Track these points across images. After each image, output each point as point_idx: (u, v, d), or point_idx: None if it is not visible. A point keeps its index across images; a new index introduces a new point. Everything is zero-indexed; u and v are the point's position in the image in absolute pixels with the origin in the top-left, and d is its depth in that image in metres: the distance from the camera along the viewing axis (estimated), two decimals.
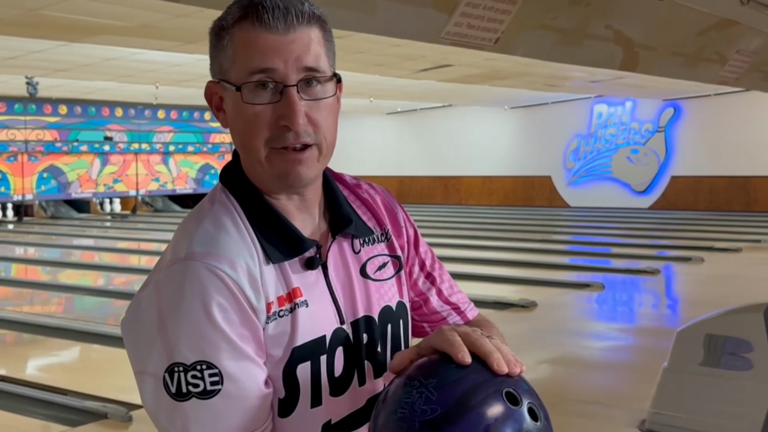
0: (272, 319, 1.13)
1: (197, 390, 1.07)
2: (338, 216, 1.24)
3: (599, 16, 8.89)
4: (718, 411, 3.62)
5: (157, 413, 1.11)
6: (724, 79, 12.18)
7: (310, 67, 1.13)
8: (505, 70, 12.09)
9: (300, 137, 1.13)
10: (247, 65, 1.12)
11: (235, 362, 1.09)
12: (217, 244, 1.12)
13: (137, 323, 1.12)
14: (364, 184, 1.35)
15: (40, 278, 10.55)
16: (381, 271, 1.28)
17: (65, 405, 4.84)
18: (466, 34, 7.38)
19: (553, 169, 21.10)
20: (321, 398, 1.17)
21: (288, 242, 1.17)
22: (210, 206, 1.19)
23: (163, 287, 1.10)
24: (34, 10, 7.03)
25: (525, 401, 1.01)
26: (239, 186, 1.20)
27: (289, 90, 1.12)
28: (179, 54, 10.11)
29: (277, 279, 1.15)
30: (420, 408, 0.98)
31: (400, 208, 1.36)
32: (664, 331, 6.76)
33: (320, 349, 1.17)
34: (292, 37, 1.12)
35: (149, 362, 1.09)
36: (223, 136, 22.29)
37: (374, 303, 1.25)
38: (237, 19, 1.13)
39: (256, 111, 1.13)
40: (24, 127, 18.38)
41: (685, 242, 12.27)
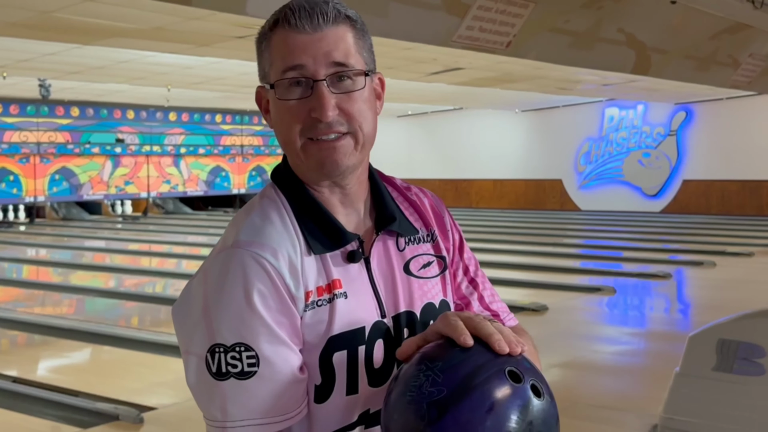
0: (310, 308, 1.19)
1: (235, 370, 1.13)
2: (383, 213, 1.29)
3: (612, 19, 8.87)
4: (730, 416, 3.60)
5: (199, 391, 1.17)
6: (737, 83, 12.15)
7: (338, 62, 1.19)
8: (516, 73, 12.08)
9: (332, 127, 1.19)
10: (280, 65, 1.20)
11: (272, 346, 1.14)
12: (261, 234, 1.19)
13: (185, 306, 1.19)
14: (414, 188, 1.40)
15: (51, 280, 10.59)
16: (425, 269, 1.32)
17: (76, 406, 4.85)
18: (478, 38, 7.38)
19: (564, 173, 21.05)
20: (357, 386, 1.21)
21: (330, 235, 1.22)
22: (259, 200, 1.27)
23: (210, 273, 1.17)
24: (48, 12, 7.06)
25: (527, 379, 1.05)
26: (286, 181, 1.27)
27: (319, 84, 1.18)
28: (191, 57, 10.15)
29: (318, 270, 1.21)
30: (427, 390, 1.03)
31: (448, 213, 1.41)
32: (675, 335, 6.73)
33: (358, 339, 1.21)
34: (320, 35, 1.19)
35: (193, 343, 1.16)
36: (234, 139, 22.34)
37: (416, 299, 1.29)
38: (271, 25, 1.22)
39: (289, 106, 1.20)
40: (36, 129, 18.46)
41: (697, 246, 12.21)
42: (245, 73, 12.64)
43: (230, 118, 22.10)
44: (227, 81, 13.81)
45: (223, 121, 22.00)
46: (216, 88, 14.96)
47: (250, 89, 15.42)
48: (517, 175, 21.76)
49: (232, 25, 7.43)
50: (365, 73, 1.23)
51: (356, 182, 1.26)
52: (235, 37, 8.21)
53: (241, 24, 7.37)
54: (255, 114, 22.55)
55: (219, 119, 21.86)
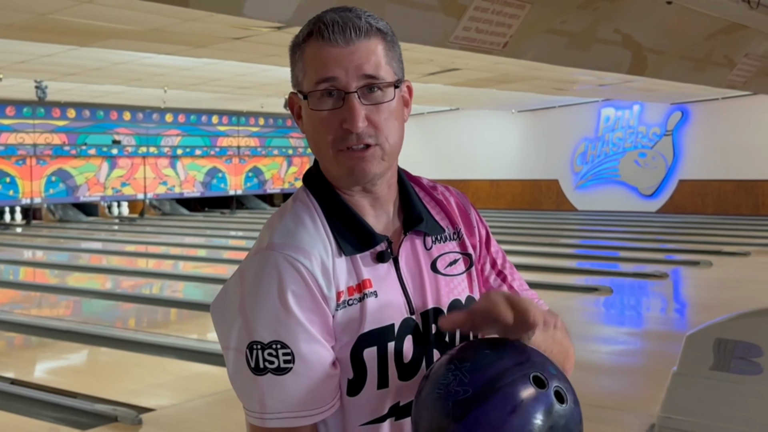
0: (341, 307, 1.25)
1: (272, 366, 1.20)
2: (411, 214, 1.35)
3: (608, 20, 8.88)
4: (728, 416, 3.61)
5: (239, 384, 1.24)
6: (733, 83, 12.17)
7: (369, 74, 1.25)
8: (513, 73, 12.09)
9: (362, 138, 1.25)
10: (313, 76, 1.25)
11: (306, 344, 1.21)
12: (295, 237, 1.25)
13: (223, 304, 1.26)
14: (440, 187, 1.46)
15: (48, 281, 10.58)
16: (451, 267, 1.38)
17: (75, 408, 4.85)
18: (474, 39, 7.39)
19: (561, 173, 21.07)
20: (388, 381, 1.27)
21: (360, 237, 1.28)
22: (292, 204, 1.33)
23: (246, 274, 1.24)
24: (44, 14, 7.06)
25: (552, 384, 1.09)
26: (318, 185, 1.33)
27: (350, 96, 1.24)
28: (188, 58, 10.14)
29: (348, 270, 1.27)
30: (454, 389, 1.09)
31: (474, 209, 1.48)
32: (672, 335, 6.75)
33: (388, 336, 1.27)
34: (352, 48, 1.24)
35: (232, 339, 1.23)
36: (231, 140, 22.32)
37: (443, 296, 1.34)
38: (305, 36, 1.27)
39: (322, 116, 1.26)
40: (33, 130, 18.44)
41: (694, 246, 12.23)
42: (242, 74, 12.63)
43: (227, 120, 22.09)
44: (224, 82, 13.81)
45: (219, 123, 21.98)
46: (213, 89, 14.95)
47: (246, 90, 15.44)
48: (514, 175, 21.78)
49: (229, 27, 7.43)
50: (395, 85, 1.28)
51: (385, 186, 1.32)
52: (232, 39, 8.21)
53: (238, 25, 7.38)
54: (252, 115, 22.54)
55: (216, 120, 21.84)
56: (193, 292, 9.57)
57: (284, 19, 6.56)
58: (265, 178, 23.48)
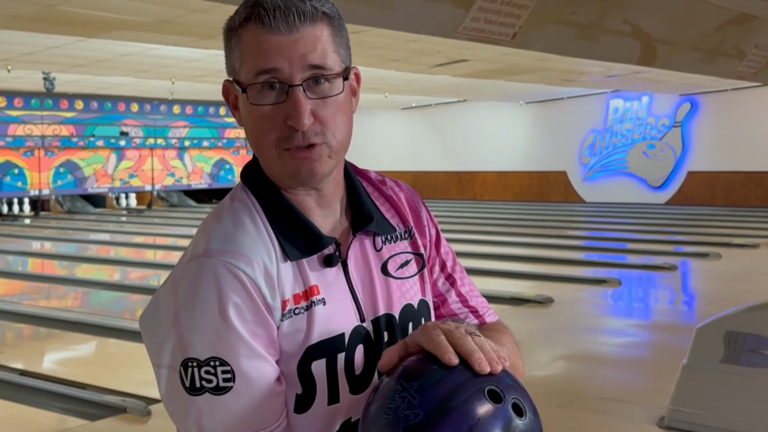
0: (287, 317, 1.13)
1: (210, 385, 1.09)
2: (360, 213, 1.23)
3: (617, 10, 8.84)
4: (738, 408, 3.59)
5: (172, 405, 1.13)
6: (743, 74, 12.11)
7: (315, 65, 1.12)
8: (521, 65, 12.05)
9: (307, 137, 1.13)
10: (253, 66, 1.13)
11: (248, 360, 1.09)
12: (235, 242, 1.12)
13: (154, 318, 1.13)
14: (389, 181, 1.34)
15: (56, 273, 10.60)
16: (403, 269, 1.26)
17: (84, 399, 4.86)
18: (483, 29, 7.36)
19: (569, 165, 21.01)
20: (339, 395, 1.17)
21: (306, 239, 1.16)
22: (230, 204, 1.19)
23: (180, 283, 1.11)
24: (52, 5, 7.06)
25: (509, 397, 1.00)
26: (258, 183, 1.20)
27: (294, 90, 1.11)
28: (195, 49, 10.14)
29: (294, 277, 1.15)
30: (403, 413, 0.98)
31: (424, 206, 1.35)
32: (681, 327, 6.73)
33: (338, 346, 1.17)
34: (296, 36, 1.11)
35: (164, 356, 1.11)
36: (239, 132, 22.31)
37: (395, 301, 1.24)
38: (242, 20, 1.14)
39: (263, 112, 1.13)
40: (41, 122, 18.47)
41: (702, 238, 12.19)
42: None
43: None
44: None
45: (227, 114, 21.96)
46: (220, 80, 14.69)
47: None
48: (522, 167, 21.73)
49: None
50: (344, 76, 1.16)
51: (332, 184, 1.21)
52: None
53: None
54: None
55: (223, 112, 21.85)
56: None
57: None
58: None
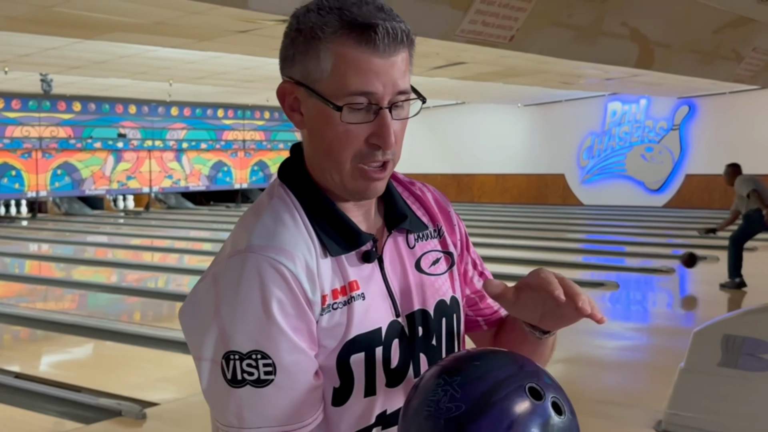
0: (327, 311, 1.16)
1: (252, 378, 1.11)
2: (393, 211, 1.27)
3: (615, 13, 8.84)
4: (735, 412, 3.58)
5: (213, 397, 1.16)
6: (740, 77, 12.12)
7: (402, 90, 1.17)
8: (519, 67, 12.04)
9: (385, 155, 1.17)
10: (347, 85, 1.14)
11: (288, 354, 1.12)
12: (276, 238, 1.15)
13: (194, 312, 1.16)
14: (417, 182, 1.38)
15: (53, 275, 10.59)
16: (435, 266, 1.31)
17: (79, 402, 4.84)
18: (481, 32, 7.35)
19: (567, 167, 21.02)
20: (375, 388, 1.20)
21: (345, 236, 1.20)
22: (269, 201, 1.22)
23: (222, 278, 1.14)
24: (49, 7, 7.04)
25: (548, 395, 1.02)
26: (298, 182, 1.23)
27: (384, 112, 1.15)
28: (193, 51, 10.13)
29: (334, 272, 1.18)
30: (445, 406, 1.02)
31: (451, 207, 1.40)
32: (678, 330, 6.72)
33: (376, 340, 1.20)
34: (393, 60, 1.15)
35: (205, 348, 1.13)
36: (236, 134, 22.32)
37: (429, 297, 1.28)
38: (339, 33, 1.14)
39: (348, 128, 1.16)
40: (38, 123, 18.45)
41: (700, 241, 12.18)
42: (247, 67, 12.61)
43: (232, 113, 22.09)
44: (229, 76, 13.79)
45: (225, 116, 21.98)
46: (218, 82, 14.94)
47: (252, 84, 15.41)
48: (520, 169, 21.73)
49: (234, 20, 7.41)
50: (422, 100, 1.21)
51: None
52: (236, 32, 8.19)
53: (243, 18, 7.35)
54: (257, 109, 22.52)
55: (221, 114, 21.84)
56: None
57: (289, 12, 6.51)
58: (271, 172, 23.46)
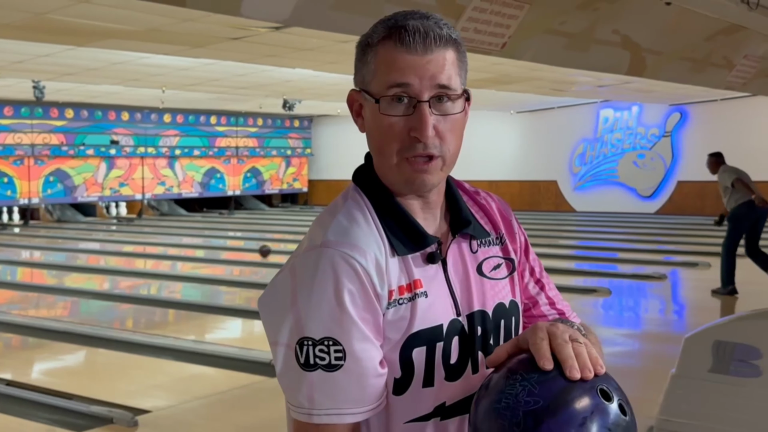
0: (392, 306, 1.25)
1: (323, 363, 1.20)
2: (458, 217, 1.36)
3: (607, 20, 8.87)
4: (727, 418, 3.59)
5: (287, 379, 1.24)
6: (732, 84, 12.16)
7: (442, 84, 1.25)
8: (511, 74, 12.07)
9: (428, 148, 1.25)
10: (386, 80, 1.25)
11: (359, 342, 1.21)
12: (350, 235, 1.25)
13: (273, 300, 1.26)
14: (482, 192, 1.47)
15: (45, 282, 10.56)
16: (496, 270, 1.39)
17: (71, 409, 4.83)
18: (473, 39, 7.36)
19: (559, 174, 21.06)
20: (433, 380, 1.28)
21: (412, 237, 1.29)
22: (343, 202, 1.32)
23: (299, 270, 1.24)
24: (41, 14, 7.04)
25: (616, 398, 1.12)
26: (370, 185, 1.33)
27: (422, 105, 1.24)
28: (186, 58, 10.12)
29: (400, 270, 1.27)
30: (524, 399, 1.10)
31: (514, 216, 1.48)
32: (670, 336, 6.73)
33: (437, 336, 1.28)
34: (429, 57, 1.24)
35: (281, 334, 1.22)
36: (229, 140, 22.31)
37: (489, 299, 1.36)
38: (382, 38, 1.27)
39: (390, 122, 1.26)
40: (30, 130, 18.42)
41: (692, 247, 12.23)
42: (240, 74, 12.61)
43: (225, 120, 22.08)
44: (222, 82, 13.79)
45: (218, 123, 21.97)
46: (211, 89, 14.93)
47: (245, 91, 15.41)
48: (512, 176, 21.77)
49: (227, 27, 7.41)
50: (466, 97, 1.29)
51: (436, 192, 1.34)
52: (229, 39, 8.19)
53: (236, 25, 7.35)
54: (250, 116, 22.52)
55: (214, 121, 21.83)
56: (190, 292, 9.55)
57: (282, 19, 6.53)
58: (264, 179, 23.46)
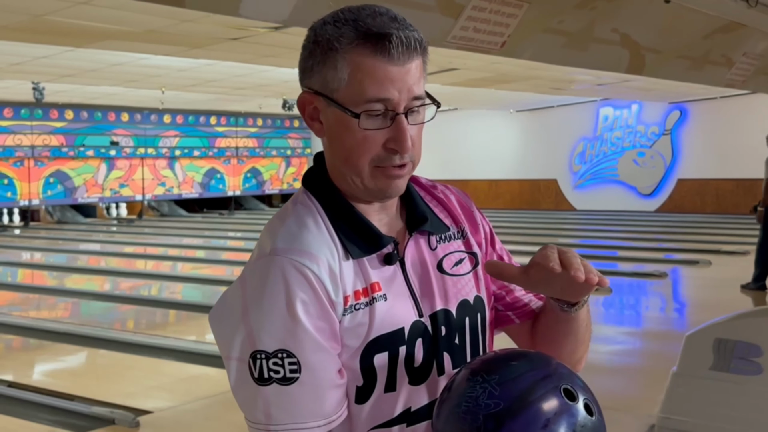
0: (349, 312, 1.20)
1: (278, 376, 1.16)
2: (414, 214, 1.31)
3: (605, 19, 8.87)
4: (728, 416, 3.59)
5: (242, 395, 1.20)
6: (731, 82, 12.16)
7: (418, 96, 1.21)
8: (510, 73, 12.07)
9: (403, 158, 1.22)
10: (364, 92, 1.19)
11: (313, 353, 1.16)
12: (300, 241, 1.20)
13: (223, 313, 1.21)
14: (439, 186, 1.42)
15: (46, 283, 10.56)
16: (458, 266, 1.34)
17: (72, 410, 4.83)
18: (472, 38, 7.37)
19: (559, 173, 21.06)
20: (396, 384, 1.23)
21: (366, 239, 1.24)
22: (293, 207, 1.27)
23: (249, 280, 1.19)
24: (40, 15, 7.04)
25: (581, 397, 1.08)
26: (321, 188, 1.27)
27: (400, 117, 1.20)
28: (185, 59, 10.13)
29: (356, 274, 1.22)
30: (484, 402, 1.06)
31: (475, 207, 1.43)
32: (671, 334, 6.73)
33: (399, 340, 1.24)
34: (408, 67, 1.20)
35: (233, 348, 1.18)
36: (229, 141, 22.30)
37: (451, 297, 1.30)
38: (355, 44, 1.18)
39: (366, 135, 1.20)
40: (30, 132, 18.41)
41: (693, 245, 12.22)
42: (239, 75, 12.61)
43: (225, 120, 22.08)
44: (221, 83, 13.79)
45: (217, 123, 21.97)
46: (210, 90, 14.94)
47: (244, 91, 15.41)
48: (512, 175, 21.76)
49: (226, 27, 7.41)
50: (436, 105, 1.25)
51: None
52: (228, 39, 8.20)
53: (235, 26, 7.36)
54: (250, 116, 22.51)
55: (213, 121, 21.83)
56: (191, 293, 9.55)
57: (281, 20, 6.53)
58: (264, 179, 23.46)
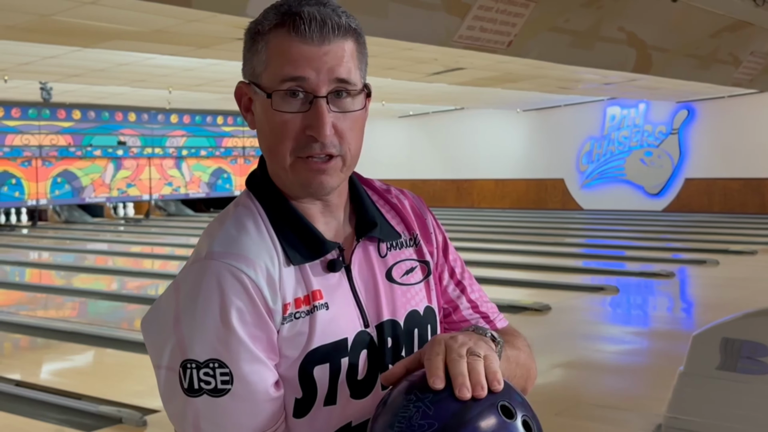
0: (288, 321, 1.13)
1: (209, 387, 1.09)
2: (363, 219, 1.24)
3: (612, 18, 8.86)
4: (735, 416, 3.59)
5: (171, 406, 1.13)
6: (738, 81, 12.14)
7: (341, 78, 1.13)
8: (517, 72, 12.06)
9: (326, 148, 1.13)
10: (279, 72, 1.13)
11: (247, 364, 1.09)
12: (238, 245, 1.13)
13: (156, 320, 1.14)
14: (394, 190, 1.35)
15: (54, 283, 10.59)
16: (408, 275, 1.27)
17: (80, 410, 4.84)
18: (478, 38, 7.37)
19: (566, 172, 21.03)
20: (336, 398, 1.16)
21: (309, 244, 1.17)
22: (234, 209, 1.20)
23: (182, 286, 1.12)
24: (48, 15, 7.06)
25: (519, 414, 1.02)
26: (263, 190, 1.21)
27: (319, 101, 1.13)
28: (192, 59, 10.14)
29: (297, 281, 1.15)
30: (417, 423, 0.99)
31: (430, 214, 1.35)
32: (678, 334, 6.72)
33: (341, 351, 1.17)
34: (326, 48, 1.13)
35: (163, 357, 1.11)
36: (236, 140, 22.33)
37: (400, 307, 1.24)
38: (274, 26, 1.15)
39: (284, 119, 1.14)
40: (38, 132, 18.47)
41: (700, 245, 12.19)
42: None
43: (232, 120, 22.11)
44: (228, 83, 13.80)
45: (224, 123, 22.00)
46: (217, 90, 14.96)
47: None
48: (519, 174, 21.74)
49: (233, 27, 7.43)
50: (367, 93, 1.18)
51: (337, 194, 1.21)
52: (235, 39, 8.21)
53: (242, 26, 7.34)
54: None
55: (220, 121, 21.86)
56: None
57: None
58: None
